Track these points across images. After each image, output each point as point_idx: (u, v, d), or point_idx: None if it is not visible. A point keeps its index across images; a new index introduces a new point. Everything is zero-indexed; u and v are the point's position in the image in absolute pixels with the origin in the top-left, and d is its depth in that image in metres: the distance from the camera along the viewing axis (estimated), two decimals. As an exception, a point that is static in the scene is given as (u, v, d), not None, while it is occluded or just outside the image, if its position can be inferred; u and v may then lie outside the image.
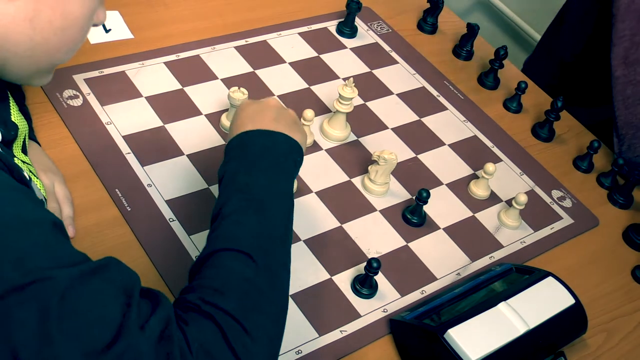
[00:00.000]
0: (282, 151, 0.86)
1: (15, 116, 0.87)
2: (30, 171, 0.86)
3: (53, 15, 0.71)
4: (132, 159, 1.08)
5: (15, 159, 0.83)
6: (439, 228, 1.12)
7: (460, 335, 0.89)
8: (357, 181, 1.15)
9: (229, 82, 1.24)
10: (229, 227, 0.78)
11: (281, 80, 1.28)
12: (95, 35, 1.26)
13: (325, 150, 1.19)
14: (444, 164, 1.22)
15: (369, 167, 1.13)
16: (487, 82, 1.41)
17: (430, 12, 1.50)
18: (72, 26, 0.74)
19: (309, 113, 1.11)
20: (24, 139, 0.89)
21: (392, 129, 1.26)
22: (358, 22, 1.44)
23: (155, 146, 1.10)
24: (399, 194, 1.15)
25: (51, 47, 0.73)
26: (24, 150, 0.89)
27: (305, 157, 1.14)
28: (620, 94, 1.29)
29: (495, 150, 1.28)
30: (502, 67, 1.41)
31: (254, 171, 0.83)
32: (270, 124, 0.88)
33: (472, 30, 1.44)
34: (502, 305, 0.94)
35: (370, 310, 0.99)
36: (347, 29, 1.42)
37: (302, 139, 0.91)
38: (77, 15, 0.73)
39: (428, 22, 1.50)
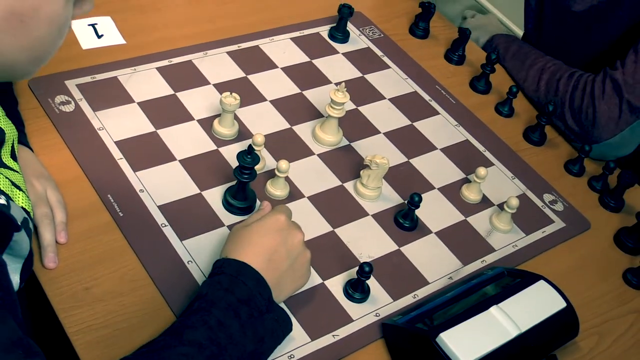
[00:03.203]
0: (261, 307, 0.85)
1: (2, 121, 0.87)
2: (12, 182, 0.84)
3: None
4: (124, 165, 1.08)
5: (1, 168, 0.83)
6: (431, 232, 1.12)
7: (453, 339, 0.89)
8: (349, 186, 1.15)
9: (221, 87, 1.24)
10: (176, 358, 0.76)
11: (273, 85, 1.28)
12: (87, 41, 1.26)
13: (318, 155, 1.19)
14: (436, 168, 1.23)
15: (361, 172, 1.13)
16: (478, 86, 1.42)
17: (422, 17, 1.50)
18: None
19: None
20: (13, 144, 0.89)
21: (384, 134, 1.26)
22: (350, 27, 1.45)
23: (147, 152, 1.10)
24: (391, 198, 1.15)
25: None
26: (13, 156, 0.88)
27: (297, 162, 1.15)
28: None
29: (487, 154, 1.28)
30: (494, 72, 1.41)
31: (230, 312, 0.82)
32: (275, 274, 0.89)
33: (464, 34, 1.45)
34: (494, 309, 0.94)
35: (363, 315, 0.99)
36: (339, 34, 1.42)
37: (300, 286, 0.94)
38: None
39: (420, 27, 1.51)
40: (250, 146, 1.00)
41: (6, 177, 0.83)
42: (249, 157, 1.00)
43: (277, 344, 0.88)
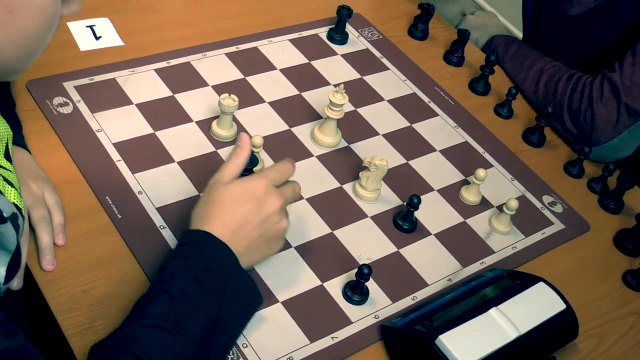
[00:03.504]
0: (225, 273, 0.85)
1: None
2: (5, 178, 0.84)
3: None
4: (122, 166, 1.07)
5: None
6: (430, 234, 1.12)
7: (452, 341, 0.89)
8: (348, 187, 1.15)
9: (220, 88, 1.24)
10: (142, 330, 0.77)
11: (272, 86, 1.28)
12: (86, 43, 1.25)
13: (316, 156, 1.18)
14: (435, 169, 1.22)
15: (360, 174, 1.13)
16: (478, 88, 1.42)
17: (421, 18, 1.50)
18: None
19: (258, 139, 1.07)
20: (7, 144, 0.88)
21: (383, 135, 1.26)
22: (349, 28, 1.45)
23: (145, 153, 1.10)
24: (390, 200, 1.15)
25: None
26: (8, 157, 0.87)
27: (296, 164, 1.14)
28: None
29: (486, 155, 1.28)
30: (493, 73, 1.41)
31: (191, 280, 0.82)
32: (244, 244, 0.88)
33: (463, 36, 1.45)
34: (493, 311, 0.94)
35: (362, 317, 0.99)
36: (338, 35, 1.42)
37: (269, 255, 0.94)
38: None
39: (419, 29, 1.50)
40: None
41: None
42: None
43: (247, 313, 0.89)
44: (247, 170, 0.99)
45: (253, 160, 0.99)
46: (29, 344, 0.68)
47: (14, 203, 0.81)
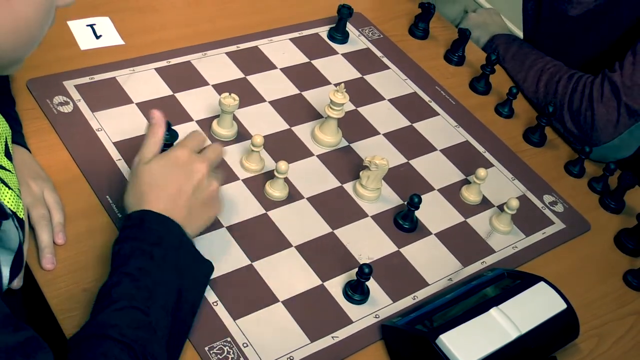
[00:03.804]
0: (174, 243, 0.87)
1: None
2: (4, 182, 0.83)
3: None
4: (122, 166, 1.07)
5: None
6: (430, 233, 1.12)
7: (452, 341, 0.89)
8: (348, 187, 1.15)
9: (220, 88, 1.24)
10: (115, 314, 0.79)
11: (272, 86, 1.28)
12: (86, 42, 1.25)
13: (317, 156, 1.18)
14: (436, 169, 1.22)
15: (361, 173, 1.13)
16: (478, 87, 1.42)
17: (421, 17, 1.50)
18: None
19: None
20: (6, 142, 0.88)
21: (384, 135, 1.26)
22: (349, 27, 1.44)
23: (146, 152, 1.10)
24: (391, 199, 1.15)
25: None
26: (8, 155, 0.87)
27: (297, 163, 1.15)
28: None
29: (487, 155, 1.28)
30: (494, 73, 1.41)
31: (146, 258, 0.84)
32: (182, 211, 0.90)
33: (464, 35, 1.44)
34: (494, 311, 0.94)
35: (362, 316, 0.98)
36: (339, 34, 1.42)
37: (211, 216, 0.96)
38: None
39: (419, 28, 1.50)
40: (167, 122, 0.98)
41: None
42: (167, 134, 0.98)
43: (200, 283, 0.91)
44: (168, 145, 0.99)
45: (173, 135, 0.99)
46: (38, 338, 0.69)
47: (9, 209, 0.80)
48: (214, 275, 0.94)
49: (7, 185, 0.83)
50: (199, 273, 0.91)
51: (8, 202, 0.81)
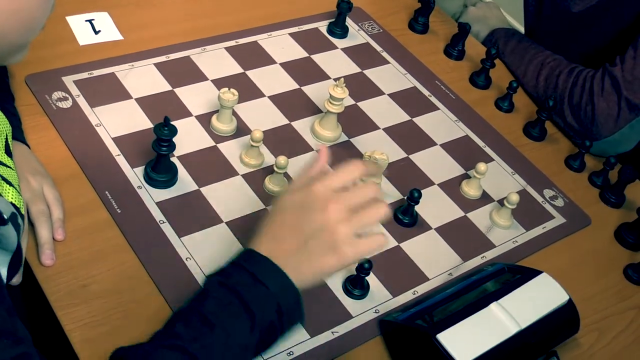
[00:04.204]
0: (269, 291, 0.75)
1: None
2: (3, 177, 0.83)
3: None
4: (121, 161, 1.07)
5: None
6: (430, 228, 1.12)
7: (453, 336, 0.89)
8: (348, 182, 1.14)
9: (220, 83, 1.23)
10: (164, 354, 0.73)
11: (272, 81, 1.28)
12: (85, 37, 1.25)
13: (317, 151, 1.18)
14: (436, 163, 1.22)
15: (360, 168, 1.13)
16: (478, 81, 1.41)
17: (421, 11, 1.49)
18: None
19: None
20: (6, 139, 0.88)
21: (384, 129, 1.25)
22: (349, 22, 1.44)
23: (144, 148, 1.09)
24: (391, 194, 1.15)
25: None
26: (8, 152, 0.87)
27: (296, 158, 1.14)
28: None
29: (487, 149, 1.28)
30: (494, 67, 1.41)
31: (224, 301, 0.75)
32: (292, 252, 0.77)
33: (464, 29, 1.44)
34: (494, 306, 0.94)
35: (362, 311, 0.98)
36: (338, 29, 1.41)
37: (331, 267, 0.77)
38: None
39: (419, 22, 1.50)
40: (166, 118, 0.98)
41: None
42: (165, 129, 0.98)
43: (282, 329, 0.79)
44: (167, 141, 0.98)
45: (172, 130, 0.97)
46: (34, 352, 0.68)
47: (12, 202, 0.80)
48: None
49: (8, 182, 0.83)
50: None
51: (11, 197, 0.82)
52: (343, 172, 0.81)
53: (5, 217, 0.76)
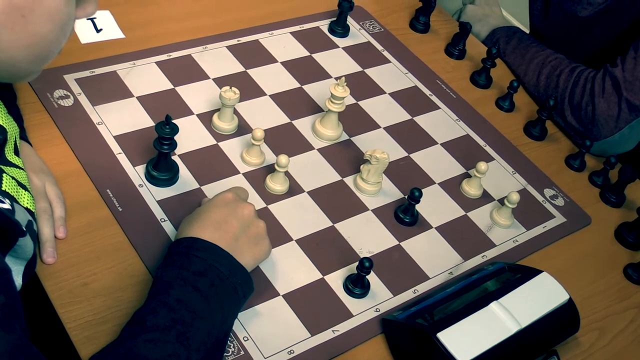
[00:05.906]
0: (222, 274, 0.85)
1: (3, 119, 0.86)
2: (18, 182, 0.84)
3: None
4: (123, 159, 1.07)
5: (5, 166, 0.82)
6: (431, 227, 1.12)
7: (453, 335, 0.89)
8: (349, 180, 1.15)
9: (221, 81, 1.24)
10: (145, 345, 0.76)
11: (273, 79, 1.28)
12: (86, 35, 1.25)
13: (317, 149, 1.18)
14: (436, 163, 1.22)
15: (361, 167, 1.13)
16: (479, 81, 1.41)
17: (422, 11, 1.49)
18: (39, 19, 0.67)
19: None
20: (15, 140, 0.89)
21: (384, 128, 1.26)
22: (350, 21, 1.44)
23: (146, 146, 1.10)
24: (391, 193, 1.15)
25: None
26: (16, 152, 0.88)
27: (297, 157, 1.14)
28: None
29: (488, 149, 1.28)
30: (495, 66, 1.41)
31: (188, 289, 0.82)
32: (229, 240, 0.89)
33: (465, 29, 1.44)
34: (494, 305, 0.94)
35: (363, 310, 0.99)
36: (339, 28, 1.42)
37: (261, 255, 0.93)
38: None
39: (420, 21, 1.50)
40: (167, 116, 0.98)
41: (12, 177, 0.83)
42: (167, 127, 0.99)
43: (238, 305, 0.88)
44: (168, 140, 1.00)
45: (173, 128, 0.99)
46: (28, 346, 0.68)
47: (27, 208, 0.81)
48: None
49: (23, 187, 0.83)
50: (235, 298, 0.87)
51: (27, 203, 0.82)
52: (238, 189, 1.00)
53: (23, 227, 0.76)
